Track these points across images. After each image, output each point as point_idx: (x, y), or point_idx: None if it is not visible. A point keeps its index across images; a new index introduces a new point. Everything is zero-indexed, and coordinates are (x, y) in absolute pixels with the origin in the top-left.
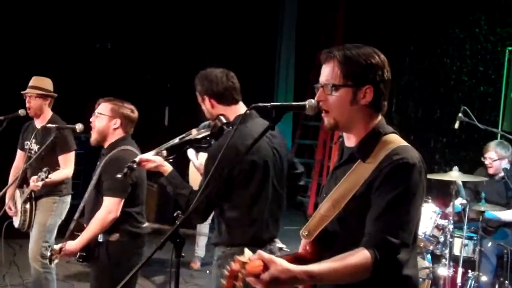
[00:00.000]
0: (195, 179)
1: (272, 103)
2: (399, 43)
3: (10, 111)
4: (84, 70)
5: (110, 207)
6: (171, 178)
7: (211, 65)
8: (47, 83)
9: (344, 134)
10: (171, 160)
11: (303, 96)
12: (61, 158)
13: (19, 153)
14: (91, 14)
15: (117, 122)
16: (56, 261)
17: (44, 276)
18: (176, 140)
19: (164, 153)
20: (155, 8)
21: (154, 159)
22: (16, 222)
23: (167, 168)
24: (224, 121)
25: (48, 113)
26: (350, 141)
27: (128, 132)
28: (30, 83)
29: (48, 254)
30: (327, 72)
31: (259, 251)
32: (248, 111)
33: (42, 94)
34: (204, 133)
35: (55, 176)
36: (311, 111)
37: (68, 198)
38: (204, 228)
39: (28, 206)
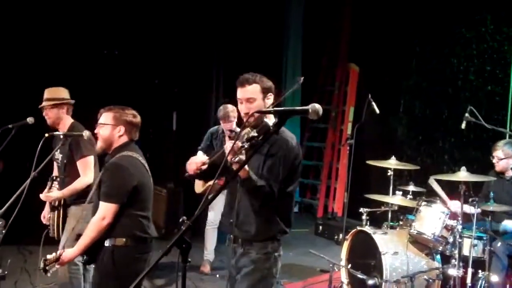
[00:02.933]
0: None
1: (275, 108)
2: (405, 44)
3: (19, 119)
4: (92, 76)
5: (105, 212)
6: (253, 176)
7: (218, 69)
8: (60, 92)
9: None
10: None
11: (311, 99)
12: (79, 165)
13: (55, 164)
14: (98, 21)
15: (121, 129)
16: (53, 269)
17: (71, 281)
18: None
19: (246, 145)
20: (162, 13)
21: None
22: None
23: (247, 168)
24: (271, 124)
25: (68, 120)
26: None
27: (133, 138)
28: (44, 96)
29: (41, 265)
30: None
31: None
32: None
33: (56, 104)
34: (254, 133)
35: (73, 186)
36: (315, 116)
37: None
38: (212, 232)
39: (55, 214)
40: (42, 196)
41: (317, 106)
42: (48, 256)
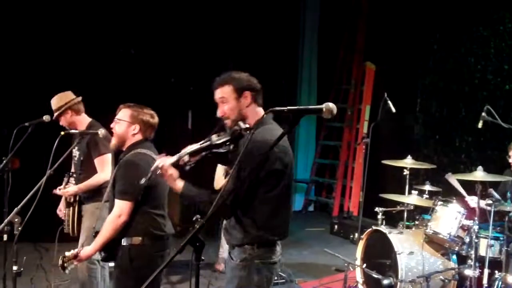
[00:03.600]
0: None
1: (288, 107)
2: (422, 43)
3: (35, 117)
4: (108, 75)
5: (120, 210)
6: (187, 191)
7: (234, 68)
8: (62, 98)
9: None
10: (192, 165)
11: (327, 97)
12: (96, 162)
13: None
14: (114, 20)
15: (136, 127)
16: (71, 266)
17: (90, 280)
18: (197, 145)
19: (186, 158)
20: (178, 13)
21: (172, 172)
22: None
23: (179, 185)
24: (243, 126)
25: (84, 119)
26: None
27: (147, 137)
28: (52, 108)
29: (60, 261)
30: None
31: None
32: (265, 115)
33: (61, 112)
34: (224, 138)
35: (89, 181)
36: (328, 115)
37: None
38: None
39: (70, 211)
40: (58, 191)
41: (331, 105)
42: (67, 253)
